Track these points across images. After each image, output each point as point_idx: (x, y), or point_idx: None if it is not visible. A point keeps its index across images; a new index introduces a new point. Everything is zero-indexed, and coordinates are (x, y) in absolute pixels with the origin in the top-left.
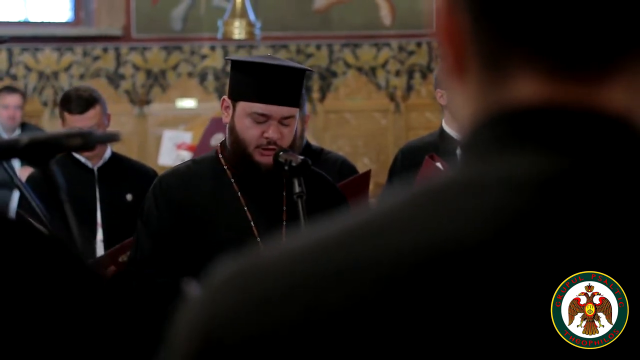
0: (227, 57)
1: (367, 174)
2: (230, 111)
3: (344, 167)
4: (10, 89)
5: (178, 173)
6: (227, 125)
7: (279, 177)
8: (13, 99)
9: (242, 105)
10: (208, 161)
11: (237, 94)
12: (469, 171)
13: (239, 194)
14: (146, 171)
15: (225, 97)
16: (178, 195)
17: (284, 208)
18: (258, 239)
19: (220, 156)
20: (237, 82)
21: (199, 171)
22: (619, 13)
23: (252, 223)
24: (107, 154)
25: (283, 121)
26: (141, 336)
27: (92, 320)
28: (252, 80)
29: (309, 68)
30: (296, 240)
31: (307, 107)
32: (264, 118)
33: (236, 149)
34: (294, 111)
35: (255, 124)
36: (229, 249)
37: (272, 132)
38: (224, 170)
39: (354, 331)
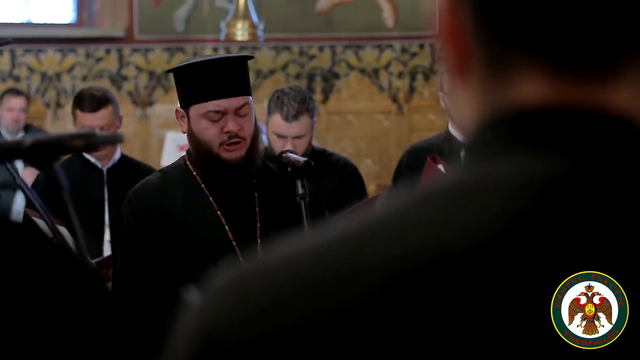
0: (166, 71)
1: (374, 199)
2: (186, 119)
3: (346, 169)
4: (14, 92)
5: (150, 184)
6: (187, 134)
7: (248, 178)
8: (17, 102)
9: (195, 109)
10: (177, 170)
11: (186, 100)
12: (472, 173)
13: (211, 198)
14: None
15: (178, 107)
16: (153, 205)
17: (257, 209)
18: (233, 242)
19: (189, 162)
20: (183, 89)
21: (169, 180)
22: (622, 12)
23: (226, 227)
24: (117, 155)
25: (239, 112)
26: (141, 343)
27: (92, 324)
28: (196, 82)
29: (249, 55)
30: (296, 244)
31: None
32: (219, 115)
33: (201, 152)
34: (247, 99)
35: (212, 122)
36: (207, 253)
37: (231, 125)
38: (193, 177)
39: (352, 336)
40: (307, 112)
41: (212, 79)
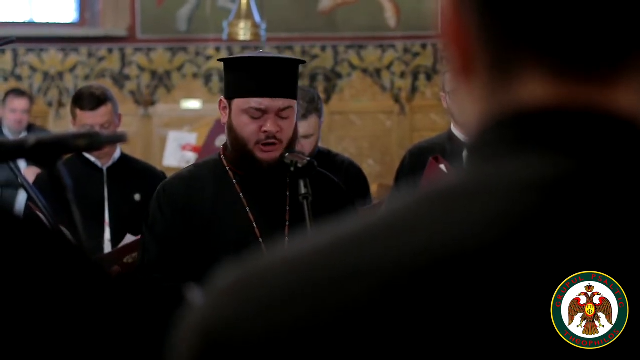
0: (219, 59)
1: (378, 206)
2: (227, 111)
3: (351, 170)
4: (18, 92)
5: (181, 178)
6: (226, 126)
7: (282, 177)
8: (21, 103)
9: (238, 103)
10: (211, 164)
11: (231, 92)
12: (475, 174)
13: (241, 195)
14: (155, 173)
15: (222, 98)
16: (182, 200)
17: (287, 209)
18: (260, 240)
19: (223, 157)
20: (231, 81)
21: (201, 175)
22: (626, 13)
23: (254, 224)
24: (117, 154)
25: (280, 114)
26: (146, 337)
27: (97, 318)
28: (244, 76)
29: (301, 59)
30: (299, 245)
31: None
32: (260, 113)
33: (236, 147)
34: (291, 102)
35: (252, 119)
36: (232, 251)
37: (270, 126)
38: (226, 172)
39: (356, 337)
40: (315, 112)
41: (260, 77)
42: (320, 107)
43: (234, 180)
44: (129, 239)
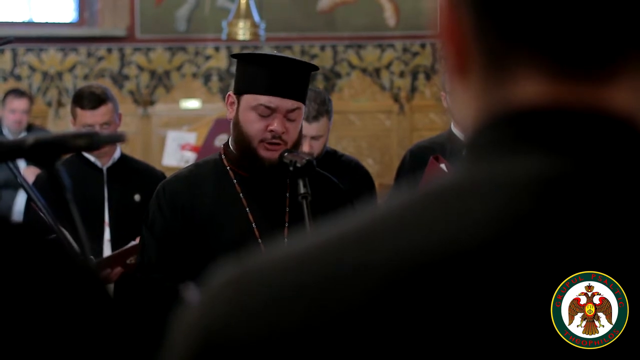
0: (232, 55)
1: None
2: (235, 106)
3: (357, 170)
4: (18, 93)
5: (180, 178)
6: (232, 121)
7: (282, 178)
8: (20, 104)
9: (247, 99)
10: (211, 164)
11: (242, 87)
12: (472, 173)
13: (241, 195)
14: (155, 173)
15: (231, 92)
16: (181, 200)
17: (287, 209)
18: (259, 240)
19: (224, 157)
20: (243, 76)
21: (201, 174)
22: (622, 12)
23: (253, 225)
24: (117, 154)
25: (288, 115)
26: (143, 340)
27: (90, 325)
28: (257, 73)
29: (316, 65)
30: (296, 244)
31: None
32: (269, 111)
33: (240, 144)
34: (300, 105)
35: (260, 117)
36: (231, 251)
37: (277, 125)
38: (226, 172)
39: (353, 336)
40: (326, 114)
41: (274, 75)
42: (330, 108)
43: (234, 180)
44: (132, 244)
